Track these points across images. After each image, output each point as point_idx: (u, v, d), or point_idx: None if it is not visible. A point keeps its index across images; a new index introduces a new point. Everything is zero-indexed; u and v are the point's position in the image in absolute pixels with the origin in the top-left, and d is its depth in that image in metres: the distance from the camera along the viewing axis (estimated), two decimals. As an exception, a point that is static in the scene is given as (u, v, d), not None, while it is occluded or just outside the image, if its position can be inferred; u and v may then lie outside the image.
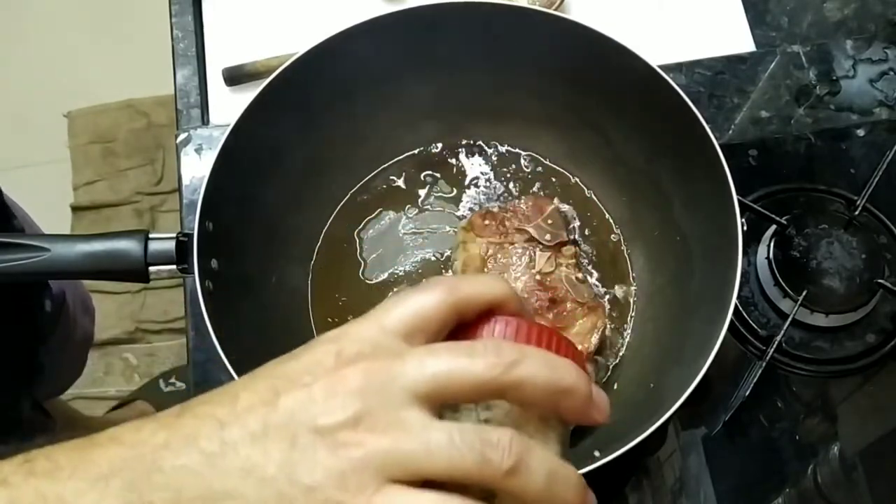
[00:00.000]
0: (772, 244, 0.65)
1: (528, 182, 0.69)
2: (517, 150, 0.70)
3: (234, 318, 0.55)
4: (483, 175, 0.70)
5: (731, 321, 0.53)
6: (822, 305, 0.63)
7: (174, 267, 0.55)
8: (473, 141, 0.70)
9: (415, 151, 0.70)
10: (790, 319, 0.63)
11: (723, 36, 0.77)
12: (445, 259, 0.67)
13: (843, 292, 0.64)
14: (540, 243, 0.64)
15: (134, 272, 0.55)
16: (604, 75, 0.62)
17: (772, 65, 0.75)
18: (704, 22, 0.78)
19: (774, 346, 0.62)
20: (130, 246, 0.54)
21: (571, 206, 0.68)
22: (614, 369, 0.63)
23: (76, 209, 1.56)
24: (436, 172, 0.70)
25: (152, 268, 0.55)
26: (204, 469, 0.29)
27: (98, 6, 1.71)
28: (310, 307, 0.66)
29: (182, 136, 0.71)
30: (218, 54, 0.76)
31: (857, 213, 0.66)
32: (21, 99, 1.65)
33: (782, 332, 0.63)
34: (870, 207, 0.68)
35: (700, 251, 0.61)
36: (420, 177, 0.70)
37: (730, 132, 0.72)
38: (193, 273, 0.53)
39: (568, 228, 0.66)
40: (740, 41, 0.77)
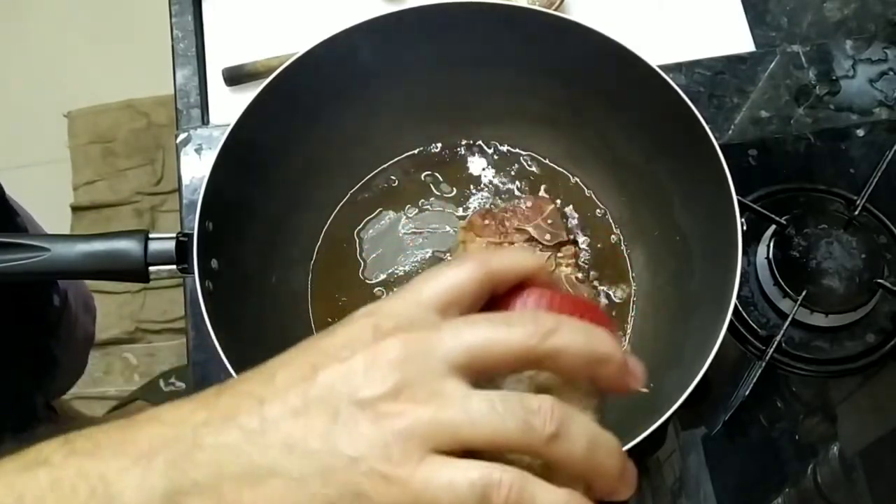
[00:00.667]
0: (771, 244, 0.65)
1: (528, 182, 0.69)
2: (517, 150, 0.70)
3: (234, 318, 0.55)
4: (483, 175, 0.70)
5: (731, 321, 0.53)
6: (822, 305, 0.64)
7: (174, 267, 0.55)
8: (473, 141, 0.71)
9: (415, 151, 0.70)
10: (790, 319, 0.63)
11: (722, 36, 0.77)
12: (445, 259, 0.67)
13: (843, 292, 0.64)
14: (540, 243, 0.64)
15: (134, 272, 0.55)
16: (604, 75, 0.62)
17: (771, 65, 0.75)
18: (704, 22, 0.78)
19: (774, 346, 0.62)
20: (130, 246, 0.54)
21: (571, 207, 0.68)
22: (614, 369, 0.63)
23: (76, 209, 1.56)
24: (436, 172, 0.70)
25: (152, 268, 0.55)
26: (245, 446, 0.29)
27: (98, 6, 1.71)
28: (310, 307, 0.66)
29: (182, 136, 0.71)
30: (218, 54, 0.76)
31: (857, 213, 0.66)
32: (21, 99, 1.65)
33: (782, 332, 0.63)
34: (869, 207, 0.68)
35: (700, 251, 0.61)
36: (420, 177, 0.70)
37: (730, 132, 0.72)
38: (193, 273, 0.53)
39: (567, 228, 0.66)
40: (740, 41, 0.77)
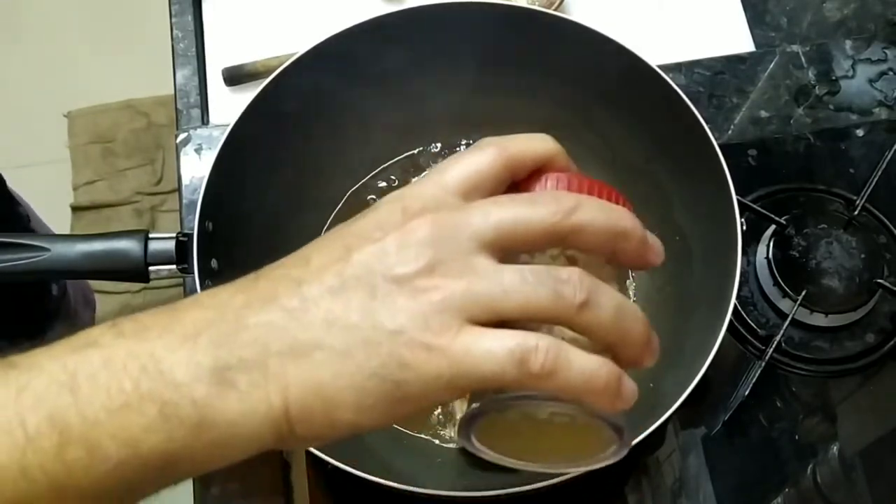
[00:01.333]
0: (771, 244, 0.65)
1: (528, 182, 0.69)
2: (517, 150, 0.70)
3: (234, 318, 0.55)
4: (483, 175, 0.70)
5: (731, 321, 0.53)
6: (822, 305, 0.64)
7: (174, 267, 0.55)
8: (473, 141, 0.70)
9: (414, 151, 0.70)
10: (790, 319, 0.63)
11: (722, 36, 0.77)
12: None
13: (843, 292, 0.64)
14: (539, 243, 0.64)
15: (134, 272, 0.55)
16: (603, 75, 0.62)
17: (771, 65, 0.75)
18: (704, 22, 0.78)
19: (774, 346, 0.62)
20: (130, 246, 0.55)
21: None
22: (614, 369, 0.63)
23: (76, 209, 1.56)
24: (436, 172, 0.70)
25: (152, 268, 0.55)
26: (288, 323, 0.30)
27: (98, 6, 1.71)
28: (310, 307, 0.65)
29: (182, 136, 0.71)
30: (218, 54, 0.76)
31: (857, 213, 0.66)
32: (21, 99, 1.65)
33: (782, 332, 0.63)
34: (869, 207, 0.68)
35: (700, 251, 0.61)
36: (420, 177, 0.70)
37: (729, 132, 0.72)
38: (193, 273, 0.53)
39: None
40: (740, 41, 0.77)
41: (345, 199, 0.69)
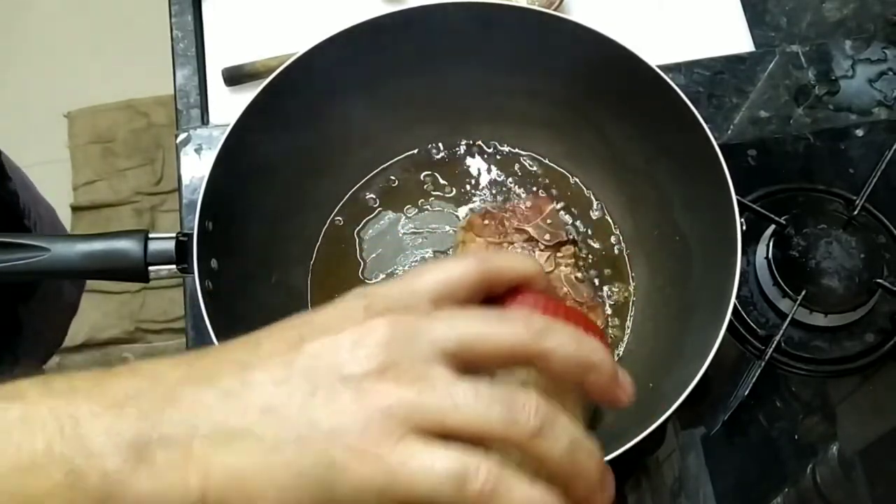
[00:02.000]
0: (771, 244, 0.65)
1: (528, 182, 0.69)
2: (517, 151, 0.70)
3: (234, 318, 0.55)
4: (483, 175, 0.70)
5: (730, 321, 0.53)
6: (822, 305, 0.64)
7: (174, 267, 0.55)
8: (473, 141, 0.71)
9: (414, 151, 0.70)
10: (789, 319, 0.63)
11: (722, 36, 0.77)
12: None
13: (842, 292, 0.64)
14: (539, 243, 0.64)
15: (134, 272, 0.55)
16: (603, 75, 0.62)
17: (771, 65, 0.75)
18: (703, 22, 0.78)
19: (773, 346, 0.63)
20: (130, 246, 0.55)
21: (571, 207, 0.68)
22: (614, 369, 0.63)
23: (76, 209, 1.56)
24: (436, 172, 0.70)
25: (152, 267, 0.55)
26: (222, 405, 0.28)
27: (98, 6, 1.71)
28: (309, 307, 0.66)
29: (182, 136, 0.71)
30: (218, 54, 0.76)
31: (856, 213, 0.66)
32: (21, 99, 1.65)
33: (781, 332, 0.63)
34: (869, 207, 0.68)
35: (699, 251, 0.61)
36: (420, 177, 0.70)
37: (729, 132, 0.72)
38: (193, 273, 0.53)
39: (567, 228, 0.66)
40: (739, 41, 0.77)
41: (345, 200, 0.69)
